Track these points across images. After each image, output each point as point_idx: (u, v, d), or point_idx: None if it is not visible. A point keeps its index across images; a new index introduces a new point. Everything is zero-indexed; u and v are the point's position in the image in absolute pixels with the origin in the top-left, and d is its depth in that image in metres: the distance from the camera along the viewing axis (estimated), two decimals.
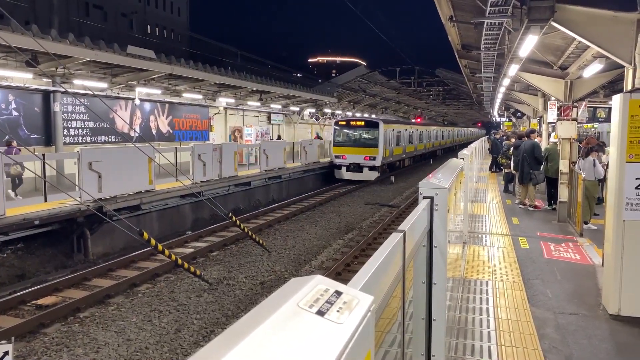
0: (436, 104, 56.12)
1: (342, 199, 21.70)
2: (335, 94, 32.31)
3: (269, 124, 30.17)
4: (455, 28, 9.27)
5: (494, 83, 15.45)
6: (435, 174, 3.90)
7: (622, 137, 5.02)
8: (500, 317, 5.07)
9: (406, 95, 45.26)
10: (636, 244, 5.01)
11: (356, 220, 17.05)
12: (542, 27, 5.67)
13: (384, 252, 1.75)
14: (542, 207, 12.01)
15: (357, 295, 0.98)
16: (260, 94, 24.29)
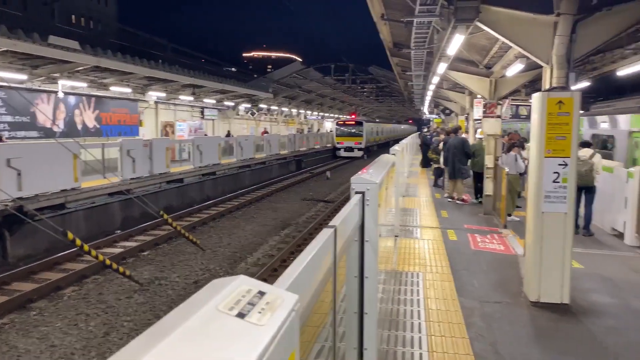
0: (370, 100, 57.17)
1: (278, 195, 21.64)
2: (271, 89, 32.11)
3: (203, 119, 29.53)
4: (387, 26, 9.46)
5: (424, 81, 15.93)
6: (367, 170, 3.95)
7: (541, 134, 5.30)
8: (430, 308, 5.24)
9: (341, 92, 45.76)
10: (554, 234, 5.32)
11: (292, 216, 17.05)
12: (468, 27, 5.90)
13: (314, 249, 1.74)
14: (469, 201, 12.53)
15: (281, 294, 0.95)
16: (193, 88, 23.70)
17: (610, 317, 5.10)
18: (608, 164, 10.04)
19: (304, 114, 48.55)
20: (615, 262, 7.50)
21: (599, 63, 10.17)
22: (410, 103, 44.51)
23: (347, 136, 40.71)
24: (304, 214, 17.59)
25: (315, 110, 49.75)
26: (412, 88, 21.05)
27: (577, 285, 6.02)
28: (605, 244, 8.69)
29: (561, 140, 5.26)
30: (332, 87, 41.71)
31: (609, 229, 9.58)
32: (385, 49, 12.40)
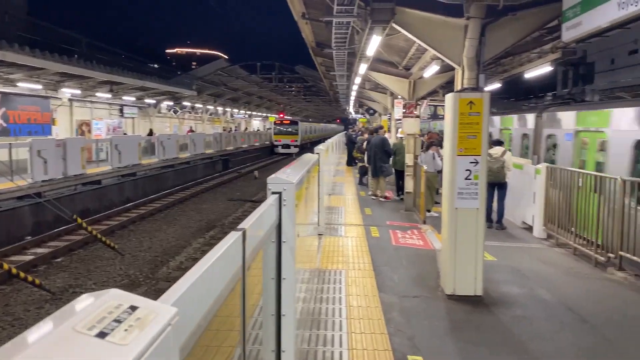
0: (298, 100, 57.35)
1: (203, 196, 21.14)
2: (195, 87, 31.32)
3: (122, 117, 28.28)
4: (309, 26, 9.49)
5: (348, 81, 16.17)
6: (285, 170, 3.91)
7: (454, 133, 5.51)
8: (352, 305, 5.29)
9: (268, 91, 45.52)
10: (467, 229, 5.55)
11: (218, 217, 16.71)
12: (385, 28, 6.03)
13: (215, 254, 1.67)
14: (391, 198, 12.86)
15: (155, 309, 0.88)
16: (111, 85, 22.62)
17: (519, 306, 5.39)
18: (518, 161, 10.64)
19: (230, 113, 47.84)
20: (525, 253, 7.96)
21: (509, 65, 10.77)
22: (336, 103, 45.10)
23: (284, 134, 43.77)
24: (231, 214, 17.29)
25: (242, 109, 49.17)
26: (337, 88, 21.31)
27: (490, 277, 6.33)
28: (517, 237, 9.21)
29: (472, 139, 5.49)
30: (259, 86, 41.42)
31: (519, 222, 10.16)
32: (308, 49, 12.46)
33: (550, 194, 8.74)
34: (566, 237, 8.12)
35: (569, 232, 8.03)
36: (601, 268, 6.98)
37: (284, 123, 44.64)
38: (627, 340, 4.56)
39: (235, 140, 36.91)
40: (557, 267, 7.14)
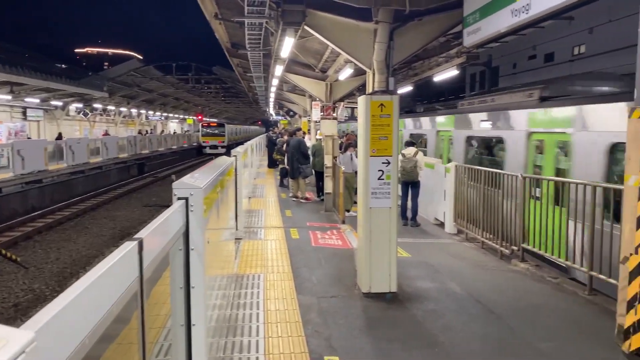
0: (217, 101, 56.29)
1: (117, 203, 20.16)
2: (106, 88, 29.84)
3: (25, 120, 26.35)
4: (222, 26, 9.32)
5: (265, 82, 16.10)
6: (193, 174, 3.79)
7: (366, 134, 5.62)
8: (270, 309, 5.24)
9: (185, 92, 44.32)
10: (381, 228, 5.68)
11: (133, 225, 16.01)
12: (297, 30, 6.05)
13: (101, 268, 1.56)
14: (312, 199, 12.95)
15: (6, 335, 0.79)
16: (12, 86, 21.01)
17: (431, 301, 5.60)
18: (430, 161, 11.10)
19: (145, 115, 46.07)
20: (437, 248, 8.30)
21: (419, 69, 11.21)
22: (256, 104, 44.80)
23: (211, 136, 46.10)
24: (146, 221, 16.61)
25: (158, 111, 47.53)
26: (255, 89, 21.14)
27: (405, 273, 6.52)
28: (430, 233, 9.59)
29: (384, 140, 5.63)
30: (175, 87, 40.21)
31: (432, 219, 10.59)
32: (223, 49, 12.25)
33: (459, 191, 9.18)
34: (474, 232, 8.56)
35: (476, 227, 8.47)
36: (506, 260, 7.42)
37: (211, 125, 48.12)
38: (528, 327, 4.87)
39: (151, 144, 35.58)
40: (467, 260, 7.50)
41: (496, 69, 31.90)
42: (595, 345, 4.32)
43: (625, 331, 2.38)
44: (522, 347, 4.43)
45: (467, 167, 9.18)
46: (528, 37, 20.69)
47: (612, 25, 16.43)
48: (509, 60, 29.66)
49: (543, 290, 6.07)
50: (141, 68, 33.22)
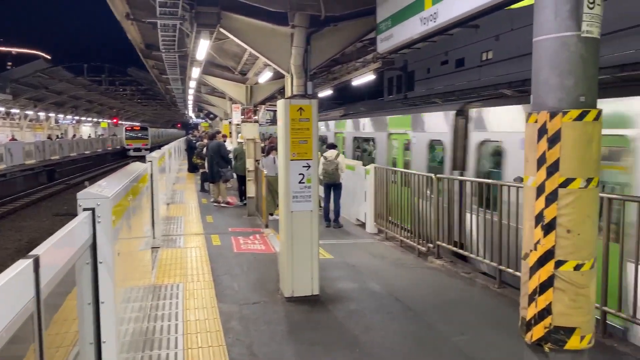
0: (133, 103, 54.06)
1: (24, 212, 18.76)
2: (9, 89, 27.72)
3: None
4: (135, 26, 8.95)
5: (183, 85, 15.67)
6: (100, 182, 3.60)
7: (286, 138, 5.61)
8: (189, 320, 5.08)
9: (98, 94, 42.19)
10: (302, 232, 5.69)
11: (42, 235, 14.94)
12: (212, 33, 5.93)
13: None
14: (234, 204, 12.76)
15: None
16: None
17: (353, 301, 5.68)
18: (351, 163, 11.30)
19: (55, 118, 43.35)
20: (359, 249, 8.45)
21: (338, 73, 11.40)
22: (175, 107, 43.52)
23: (135, 139, 47.76)
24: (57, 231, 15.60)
25: (69, 114, 44.88)
26: (172, 91, 20.52)
27: (327, 275, 6.58)
28: (352, 234, 9.75)
29: (304, 144, 5.65)
30: (87, 89, 38.15)
31: (354, 219, 10.79)
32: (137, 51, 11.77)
33: (378, 192, 9.43)
34: (394, 231, 8.81)
35: (395, 226, 8.73)
36: (423, 257, 7.70)
37: (135, 129, 49.78)
38: (444, 322, 5.07)
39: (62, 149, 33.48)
40: (387, 259, 7.70)
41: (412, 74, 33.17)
42: (504, 337, 4.59)
43: (527, 323, 2.53)
44: (438, 342, 4.60)
45: (385, 168, 9.44)
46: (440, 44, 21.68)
47: (515, 33, 17.59)
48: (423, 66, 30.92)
49: (457, 285, 6.36)
50: (49, 69, 31.15)
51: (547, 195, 2.45)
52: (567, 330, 2.50)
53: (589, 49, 2.40)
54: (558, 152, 2.41)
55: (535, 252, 2.53)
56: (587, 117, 2.38)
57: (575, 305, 2.48)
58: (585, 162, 2.40)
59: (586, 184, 2.41)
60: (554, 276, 2.48)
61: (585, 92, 2.41)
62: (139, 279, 5.04)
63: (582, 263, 2.46)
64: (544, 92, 2.47)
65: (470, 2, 3.40)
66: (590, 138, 2.40)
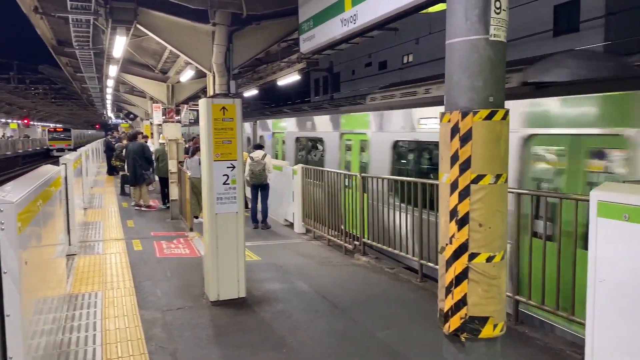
0: (46, 103, 50.85)
1: None
2: None
3: None
4: (45, 21, 8.40)
5: (100, 83, 14.93)
6: (4, 187, 3.34)
7: (209, 138, 5.50)
8: (109, 329, 4.85)
9: (6, 93, 39.28)
10: (227, 234, 5.59)
11: None
12: (129, 29, 5.69)
13: None
14: (157, 207, 12.33)
15: None
16: None
17: (280, 301, 5.67)
18: (278, 163, 11.28)
19: None
20: (287, 249, 8.45)
21: (264, 73, 11.33)
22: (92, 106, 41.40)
23: (58, 140, 48.98)
24: None
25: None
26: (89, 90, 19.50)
27: (254, 277, 6.53)
28: (280, 235, 9.74)
29: (228, 144, 5.55)
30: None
31: (282, 220, 10.78)
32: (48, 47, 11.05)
33: (306, 192, 9.47)
34: (321, 230, 8.89)
35: (323, 225, 8.81)
36: (350, 255, 7.83)
37: (58, 130, 51.52)
38: (368, 318, 5.18)
39: None
40: (314, 258, 7.76)
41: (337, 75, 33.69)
42: (425, 329, 4.76)
43: (445, 314, 2.64)
44: (363, 338, 4.69)
45: (312, 168, 9.50)
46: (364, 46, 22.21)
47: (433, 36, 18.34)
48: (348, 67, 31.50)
49: (382, 280, 6.52)
50: None
51: (460, 191, 2.56)
52: (481, 319, 2.62)
53: (496, 52, 2.54)
54: (469, 150, 2.52)
55: (451, 245, 2.64)
56: (495, 117, 2.51)
57: (487, 296, 2.61)
58: (494, 159, 2.53)
59: (495, 180, 2.54)
60: (468, 268, 2.60)
61: (493, 93, 2.54)
62: (53, 288, 4.74)
63: (493, 255, 2.60)
64: (456, 92, 2.58)
65: (388, 5, 3.49)
66: (498, 136, 2.53)
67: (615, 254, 3.11)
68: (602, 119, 5.04)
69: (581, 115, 5.24)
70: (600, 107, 5.05)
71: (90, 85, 15.69)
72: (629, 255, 3.02)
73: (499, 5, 2.51)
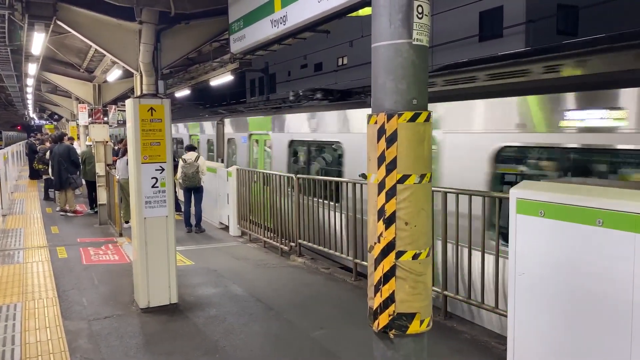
0: None
1: None
2: None
3: None
4: None
5: (19, 82, 14.07)
6: None
7: (136, 140, 5.31)
8: (29, 342, 4.57)
9: None
10: (157, 239, 5.43)
11: None
12: (48, 25, 5.39)
13: None
14: (84, 212, 11.79)
15: None
16: None
17: (213, 306, 5.56)
18: (212, 165, 11.08)
19: None
20: (222, 253, 8.32)
21: (195, 73, 11.10)
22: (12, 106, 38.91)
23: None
24: None
25: None
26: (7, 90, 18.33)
27: (187, 282, 6.38)
28: (215, 238, 9.57)
29: (156, 146, 5.39)
30: None
31: (217, 223, 10.60)
32: None
33: (241, 193, 9.37)
34: (257, 232, 8.82)
35: (259, 227, 8.74)
36: (286, 256, 7.82)
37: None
38: (303, 319, 5.19)
39: None
40: (249, 261, 7.69)
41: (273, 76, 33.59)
42: (358, 327, 4.81)
43: (374, 312, 2.69)
44: (298, 339, 4.69)
45: (246, 169, 9.42)
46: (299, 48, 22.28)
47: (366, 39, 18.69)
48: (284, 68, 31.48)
49: (317, 281, 6.56)
50: None
51: (387, 190, 2.62)
52: (409, 315, 2.69)
53: (419, 56, 2.61)
54: (395, 150, 2.58)
55: (379, 244, 2.69)
56: (419, 119, 2.58)
57: (414, 292, 2.68)
58: (418, 159, 2.61)
59: (420, 180, 2.61)
60: (395, 266, 2.65)
61: (417, 96, 2.61)
62: None
63: (419, 252, 2.67)
64: (382, 95, 2.63)
65: (316, 7, 3.52)
66: (422, 138, 2.61)
67: (532, 248, 3.29)
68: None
69: None
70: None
71: (9, 84, 14.72)
72: (545, 249, 3.21)
73: (421, 11, 2.59)
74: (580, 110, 4.40)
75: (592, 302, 2.98)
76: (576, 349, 3.07)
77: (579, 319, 3.05)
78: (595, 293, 2.97)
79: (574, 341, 3.09)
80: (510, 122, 5.01)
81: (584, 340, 3.03)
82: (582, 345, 3.04)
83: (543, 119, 4.71)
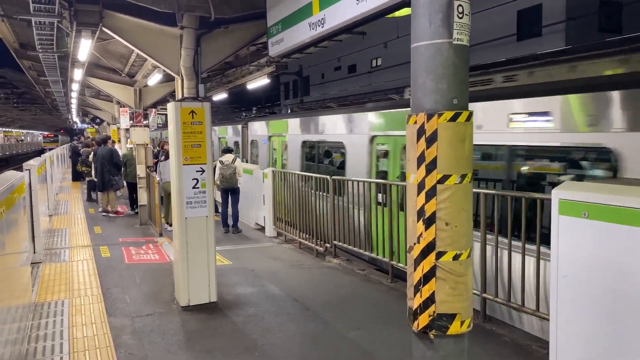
0: (8, 108, 49.31)
1: None
2: None
3: None
4: (6, 24, 8.18)
5: (64, 87, 14.60)
6: None
7: (178, 142, 5.45)
8: (76, 337, 4.75)
9: None
10: (197, 239, 5.55)
11: None
12: (94, 32, 5.60)
13: None
14: (125, 213, 12.13)
15: None
16: None
17: (251, 305, 5.65)
18: (248, 167, 11.24)
19: None
20: (258, 253, 8.43)
21: (233, 77, 11.29)
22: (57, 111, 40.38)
23: (50, 142, 66.23)
24: None
25: None
26: (53, 95, 19.03)
27: (225, 281, 6.49)
28: (251, 238, 9.70)
29: (197, 148, 5.52)
30: None
31: (254, 224, 10.74)
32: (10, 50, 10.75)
33: (277, 195, 9.47)
34: (292, 233, 8.90)
35: (294, 228, 8.82)
36: (321, 257, 7.86)
37: (50, 137, 71.49)
38: (339, 319, 5.21)
39: None
40: (285, 261, 7.76)
41: (307, 79, 33.77)
42: (395, 328, 4.82)
43: (414, 312, 2.69)
44: (335, 339, 4.72)
45: (282, 171, 9.51)
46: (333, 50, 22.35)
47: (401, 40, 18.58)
48: (318, 71, 31.60)
49: (352, 282, 6.57)
50: None
51: (427, 191, 2.62)
52: (449, 316, 2.68)
53: (459, 55, 2.60)
54: (435, 150, 2.58)
55: (419, 244, 2.69)
56: (459, 118, 2.58)
57: (455, 293, 2.67)
58: (459, 159, 2.60)
59: (461, 180, 2.60)
60: (435, 266, 2.65)
61: (457, 95, 2.60)
62: (16, 297, 4.63)
63: (459, 253, 2.66)
64: (422, 95, 2.63)
65: (354, 9, 3.55)
66: (463, 137, 2.60)
67: (576, 250, 3.22)
68: None
69: None
70: None
71: (55, 89, 15.30)
72: (589, 251, 3.14)
73: (462, 10, 2.58)
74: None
75: (638, 304, 2.90)
76: (621, 353, 2.99)
77: (623, 322, 2.97)
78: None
79: (618, 345, 3.01)
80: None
81: (629, 344, 2.95)
82: (627, 350, 2.96)
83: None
